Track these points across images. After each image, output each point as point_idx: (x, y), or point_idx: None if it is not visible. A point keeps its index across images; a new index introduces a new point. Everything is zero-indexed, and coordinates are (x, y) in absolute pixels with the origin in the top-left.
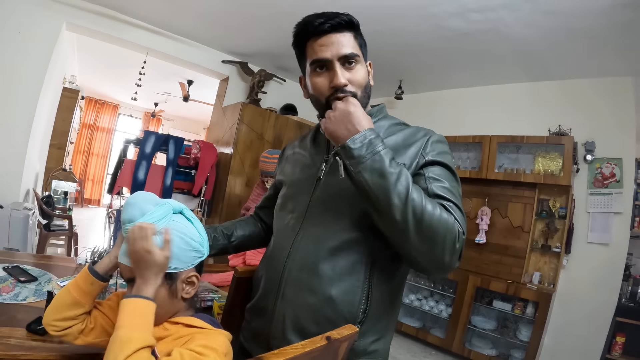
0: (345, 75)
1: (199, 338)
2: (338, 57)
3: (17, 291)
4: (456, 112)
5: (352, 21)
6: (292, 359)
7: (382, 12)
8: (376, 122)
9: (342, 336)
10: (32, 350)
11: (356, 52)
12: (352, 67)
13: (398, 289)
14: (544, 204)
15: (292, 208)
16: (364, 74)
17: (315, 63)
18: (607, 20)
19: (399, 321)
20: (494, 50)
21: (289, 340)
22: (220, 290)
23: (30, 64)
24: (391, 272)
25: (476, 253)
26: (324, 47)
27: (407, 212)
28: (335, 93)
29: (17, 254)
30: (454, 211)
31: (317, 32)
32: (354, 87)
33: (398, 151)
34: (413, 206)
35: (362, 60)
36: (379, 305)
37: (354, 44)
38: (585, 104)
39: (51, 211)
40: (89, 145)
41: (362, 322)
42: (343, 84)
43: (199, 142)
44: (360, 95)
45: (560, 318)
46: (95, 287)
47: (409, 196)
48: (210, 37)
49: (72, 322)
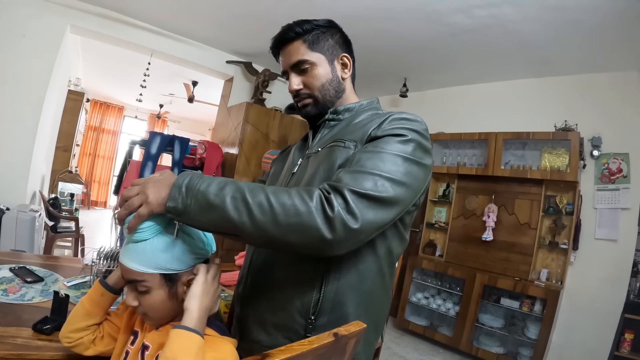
0: (297, 81)
1: (207, 351)
2: (290, 67)
3: (23, 291)
4: (461, 109)
5: (297, 31)
6: (298, 355)
7: (385, 10)
8: (359, 112)
9: (350, 332)
10: (38, 350)
11: (305, 57)
12: (305, 71)
13: (370, 282)
14: (551, 200)
15: None
16: (320, 74)
17: (283, 75)
18: (612, 14)
19: (406, 319)
20: (498, 47)
21: (250, 328)
22: (226, 290)
23: (35, 67)
24: (354, 262)
25: (483, 250)
26: (282, 60)
27: (255, 218)
28: (295, 97)
29: (23, 255)
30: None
31: (275, 50)
32: (309, 89)
33: (354, 131)
34: (259, 208)
35: (316, 61)
36: (340, 297)
37: (303, 51)
38: (591, 99)
39: (58, 213)
40: (94, 147)
41: (316, 314)
42: (295, 89)
43: (205, 143)
44: (319, 95)
45: (568, 315)
46: (105, 298)
47: (249, 202)
48: (214, 37)
49: (84, 332)
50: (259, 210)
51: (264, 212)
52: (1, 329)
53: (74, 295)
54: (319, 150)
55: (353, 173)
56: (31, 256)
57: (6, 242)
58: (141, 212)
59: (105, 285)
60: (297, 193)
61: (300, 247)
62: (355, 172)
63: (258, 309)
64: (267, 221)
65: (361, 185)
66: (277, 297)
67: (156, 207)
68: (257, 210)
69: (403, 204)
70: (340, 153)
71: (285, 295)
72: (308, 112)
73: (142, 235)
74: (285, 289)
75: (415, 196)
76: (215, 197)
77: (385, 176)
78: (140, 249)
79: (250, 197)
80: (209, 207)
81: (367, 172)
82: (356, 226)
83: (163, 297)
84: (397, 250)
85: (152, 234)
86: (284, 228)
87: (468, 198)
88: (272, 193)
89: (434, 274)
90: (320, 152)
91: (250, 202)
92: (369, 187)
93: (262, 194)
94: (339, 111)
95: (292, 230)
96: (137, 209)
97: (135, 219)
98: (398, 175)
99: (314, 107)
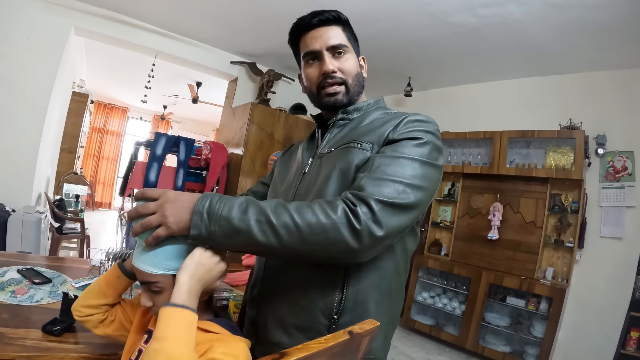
0: (334, 64)
1: (217, 346)
2: (327, 48)
3: (31, 293)
4: (466, 109)
5: (340, 16)
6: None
7: (389, 9)
8: (364, 114)
9: (364, 331)
10: (48, 351)
11: (344, 43)
12: (341, 56)
13: (384, 276)
14: (556, 198)
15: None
16: (354, 64)
17: (307, 55)
18: (616, 11)
19: (412, 319)
20: (503, 45)
21: (269, 331)
22: (235, 290)
23: (39, 68)
24: (372, 260)
25: (489, 249)
26: (313, 40)
27: (283, 239)
28: (325, 79)
29: (30, 257)
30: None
31: (307, 28)
32: (344, 75)
33: (370, 132)
34: (285, 229)
35: (351, 51)
36: (361, 295)
37: (342, 36)
38: (595, 97)
39: (63, 214)
40: (99, 148)
41: (338, 313)
42: (331, 69)
43: (210, 143)
44: (352, 83)
45: (574, 313)
46: (121, 281)
47: (275, 224)
48: (218, 38)
49: (94, 310)
50: (285, 232)
51: (290, 232)
52: (11, 330)
53: None
54: (332, 151)
55: (375, 180)
56: (38, 257)
57: (12, 243)
58: (160, 233)
59: (123, 269)
60: (321, 208)
61: (329, 259)
62: (378, 180)
63: (277, 311)
64: (295, 241)
65: (385, 194)
66: (298, 298)
67: (177, 232)
68: (284, 232)
69: (422, 207)
70: (357, 154)
71: (306, 297)
72: (337, 100)
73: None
74: (306, 290)
75: (432, 197)
76: (240, 222)
77: (406, 182)
78: (153, 252)
79: (274, 218)
80: (235, 232)
81: (389, 179)
82: (382, 234)
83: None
84: (411, 247)
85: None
86: (311, 245)
87: (473, 197)
88: (296, 211)
89: (439, 273)
90: (334, 152)
91: (276, 224)
92: (393, 195)
93: (286, 213)
94: (349, 111)
95: (320, 246)
96: (154, 228)
97: (153, 238)
98: (417, 180)
99: (345, 95)
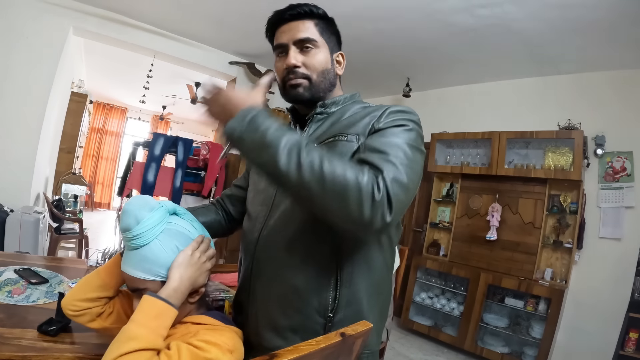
0: (299, 58)
1: (203, 334)
2: (293, 42)
3: (28, 293)
4: (464, 109)
5: (313, 11)
6: (306, 355)
7: (387, 10)
8: (342, 107)
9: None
10: (43, 351)
11: (313, 37)
12: (308, 51)
13: (376, 273)
14: (555, 199)
15: (260, 200)
16: (322, 59)
17: (277, 49)
18: (615, 11)
19: (410, 319)
20: (501, 46)
21: (263, 336)
22: (231, 290)
23: (38, 68)
24: (363, 254)
25: (487, 250)
26: (283, 34)
27: (303, 175)
28: (288, 74)
29: (28, 257)
30: (378, 160)
31: (280, 21)
32: (307, 70)
33: (353, 124)
34: (310, 167)
35: (321, 46)
36: (354, 292)
37: (313, 31)
38: (594, 98)
39: (62, 214)
40: (98, 148)
41: (334, 311)
42: (293, 64)
43: (208, 144)
44: (316, 80)
45: (573, 314)
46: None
47: (302, 158)
48: (216, 38)
49: (93, 304)
50: (309, 168)
51: (313, 171)
52: (6, 330)
53: None
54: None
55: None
56: (35, 257)
57: (10, 243)
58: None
59: None
60: (351, 165)
61: (333, 215)
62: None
63: (269, 315)
64: (313, 181)
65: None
66: (291, 299)
67: (216, 119)
68: (307, 167)
69: (416, 189)
70: (344, 146)
71: (300, 297)
72: (298, 93)
73: (139, 241)
74: (299, 290)
75: (420, 182)
76: (272, 140)
77: (405, 164)
78: (142, 256)
79: (305, 152)
80: (262, 147)
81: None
82: (390, 218)
83: None
84: (395, 238)
85: (149, 239)
86: (328, 193)
87: (472, 197)
88: (327, 156)
89: (438, 274)
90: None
91: (303, 157)
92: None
93: (317, 153)
94: (326, 104)
95: (335, 197)
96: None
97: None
98: (412, 163)
99: (307, 90)
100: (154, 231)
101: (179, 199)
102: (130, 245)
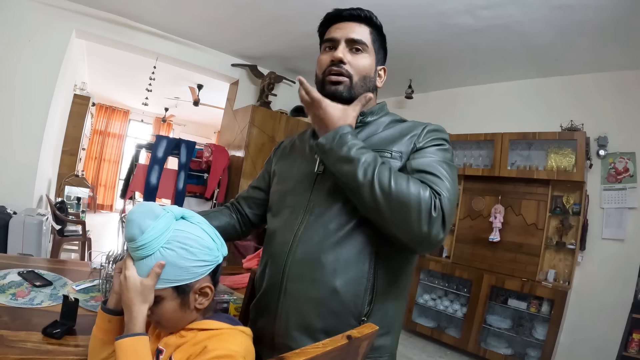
0: (347, 57)
1: (213, 347)
2: (346, 39)
3: (32, 295)
4: (467, 110)
5: (372, 18)
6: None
7: (390, 11)
8: (378, 119)
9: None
10: (48, 354)
11: (365, 41)
12: (357, 53)
13: (405, 280)
14: (558, 200)
15: (292, 202)
16: (367, 65)
17: (326, 42)
18: (617, 13)
19: (413, 321)
20: (503, 47)
21: (293, 337)
22: (235, 292)
23: (41, 71)
24: (396, 262)
25: (490, 251)
26: (337, 30)
27: (374, 189)
28: (332, 66)
29: (31, 259)
30: (433, 182)
31: (337, 17)
32: (352, 70)
33: (394, 141)
34: (380, 183)
35: (370, 52)
36: (385, 296)
37: (366, 35)
38: (597, 99)
39: (64, 217)
40: (100, 151)
41: (368, 315)
42: (340, 57)
43: (211, 146)
44: (357, 82)
45: (576, 316)
46: (113, 323)
47: (375, 175)
48: (219, 41)
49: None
50: (378, 184)
51: (382, 187)
52: (11, 333)
53: (83, 299)
54: None
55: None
56: (39, 260)
57: (14, 245)
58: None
59: (108, 310)
60: (414, 181)
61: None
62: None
63: (302, 316)
64: (382, 193)
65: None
66: (329, 302)
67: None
68: (378, 184)
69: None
70: (389, 163)
71: (338, 300)
72: (338, 90)
73: (144, 251)
74: (338, 293)
75: None
76: (353, 157)
77: (451, 183)
78: (147, 265)
79: (378, 169)
80: (345, 161)
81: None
82: (443, 235)
83: (175, 307)
84: None
85: (154, 248)
86: (393, 205)
87: (475, 199)
88: (394, 174)
89: (441, 276)
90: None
91: (376, 173)
92: (451, 197)
93: (387, 171)
94: (365, 113)
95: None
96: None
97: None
98: (453, 182)
99: (346, 89)
100: (160, 240)
101: (182, 202)
102: (136, 256)
